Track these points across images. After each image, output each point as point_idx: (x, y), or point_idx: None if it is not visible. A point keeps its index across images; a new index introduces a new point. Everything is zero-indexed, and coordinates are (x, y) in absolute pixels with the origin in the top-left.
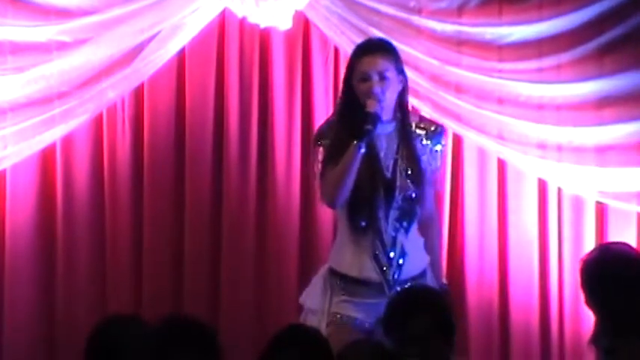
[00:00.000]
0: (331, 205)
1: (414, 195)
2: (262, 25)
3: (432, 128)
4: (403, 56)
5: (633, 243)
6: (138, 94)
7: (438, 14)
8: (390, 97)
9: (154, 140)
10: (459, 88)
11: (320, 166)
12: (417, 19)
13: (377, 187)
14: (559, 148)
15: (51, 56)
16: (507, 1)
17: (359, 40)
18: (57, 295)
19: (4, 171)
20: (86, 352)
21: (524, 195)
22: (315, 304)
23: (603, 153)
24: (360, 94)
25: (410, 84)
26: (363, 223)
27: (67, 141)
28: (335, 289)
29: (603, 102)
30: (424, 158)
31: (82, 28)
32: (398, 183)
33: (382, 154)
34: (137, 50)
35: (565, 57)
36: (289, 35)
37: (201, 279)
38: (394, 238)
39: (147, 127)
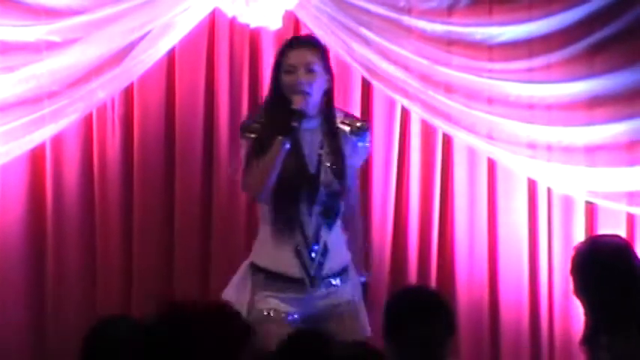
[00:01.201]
0: (256, 198)
1: (338, 189)
2: (252, 25)
3: (358, 125)
4: (393, 56)
5: None
6: (128, 93)
7: (428, 14)
8: (316, 92)
9: (144, 139)
10: (448, 88)
11: (244, 159)
12: (406, 19)
13: (300, 182)
14: (549, 148)
15: (41, 56)
16: (497, 1)
17: (349, 39)
18: (47, 294)
19: None
20: (82, 353)
21: (514, 195)
22: (234, 297)
23: (593, 153)
24: (286, 87)
25: (399, 84)
26: (286, 218)
27: (57, 140)
28: (258, 285)
29: (593, 102)
30: (347, 153)
31: (72, 28)
32: (322, 178)
33: (306, 149)
34: (127, 50)
35: (555, 57)
36: (279, 35)
37: (192, 278)
38: (317, 234)
39: (137, 126)
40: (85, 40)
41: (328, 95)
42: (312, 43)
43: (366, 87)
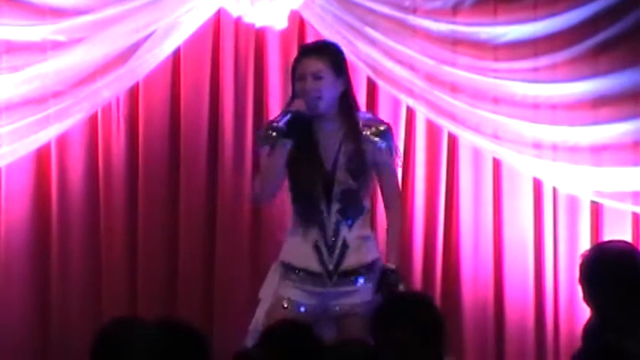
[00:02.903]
0: (258, 200)
1: (355, 188)
2: (257, 25)
3: (379, 127)
4: (398, 55)
5: None
6: (133, 93)
7: (433, 14)
8: (329, 96)
9: (149, 139)
10: (454, 88)
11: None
12: (412, 19)
13: (316, 180)
14: (554, 148)
15: (46, 55)
16: (502, 1)
17: (354, 39)
18: (51, 295)
19: None
20: (91, 353)
21: (520, 194)
22: (264, 293)
23: (598, 152)
24: (298, 93)
25: (405, 83)
26: (305, 215)
27: (62, 140)
28: (283, 277)
29: (598, 101)
30: (369, 153)
31: (77, 28)
32: (337, 176)
33: (324, 149)
34: (132, 49)
35: (560, 56)
36: (284, 35)
37: (196, 279)
38: (337, 230)
39: (142, 126)
40: (89, 39)
41: (346, 96)
42: (321, 50)
43: (372, 86)
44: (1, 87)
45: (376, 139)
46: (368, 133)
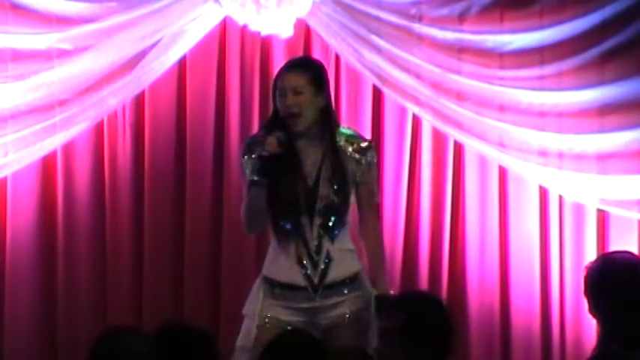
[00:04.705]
0: (247, 231)
1: (337, 203)
2: (263, 33)
3: (361, 144)
4: (404, 63)
5: (634, 251)
6: (139, 101)
7: (439, 22)
8: (309, 112)
9: (155, 147)
10: (460, 96)
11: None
12: (417, 27)
13: (298, 195)
14: (560, 156)
15: (52, 64)
16: (508, 9)
17: (360, 47)
18: (58, 301)
19: (5, 178)
20: None
21: (526, 202)
22: (249, 309)
23: (604, 160)
24: (280, 108)
25: (411, 91)
26: (288, 230)
27: (68, 148)
28: (268, 295)
29: (604, 109)
30: (350, 169)
31: (83, 36)
32: (319, 191)
33: (306, 164)
34: (138, 58)
35: (566, 64)
36: (290, 43)
37: (202, 286)
38: (319, 245)
39: (148, 134)
40: (96, 47)
41: (326, 112)
42: (302, 66)
43: (377, 94)
44: (7, 95)
45: (358, 155)
46: (350, 149)
